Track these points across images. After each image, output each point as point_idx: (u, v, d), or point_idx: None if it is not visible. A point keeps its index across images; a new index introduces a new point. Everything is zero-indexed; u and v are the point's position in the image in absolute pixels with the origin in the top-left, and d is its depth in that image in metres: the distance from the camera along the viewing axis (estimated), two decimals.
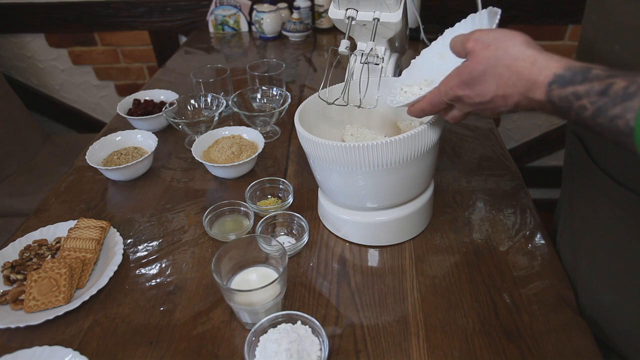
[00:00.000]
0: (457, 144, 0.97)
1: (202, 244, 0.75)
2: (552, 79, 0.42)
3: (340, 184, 0.67)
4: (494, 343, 0.58)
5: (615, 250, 0.59)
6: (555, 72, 0.42)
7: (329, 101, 0.72)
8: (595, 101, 0.39)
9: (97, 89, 1.97)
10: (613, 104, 0.38)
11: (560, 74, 0.42)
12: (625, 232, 0.57)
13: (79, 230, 0.73)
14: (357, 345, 0.58)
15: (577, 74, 0.41)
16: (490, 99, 0.48)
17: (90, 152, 0.92)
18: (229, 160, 0.88)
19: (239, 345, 0.59)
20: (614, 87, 0.38)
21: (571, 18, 1.62)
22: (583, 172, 0.64)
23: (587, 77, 0.40)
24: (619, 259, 0.59)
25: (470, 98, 0.50)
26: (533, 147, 1.93)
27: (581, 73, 0.41)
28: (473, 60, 0.48)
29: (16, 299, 0.65)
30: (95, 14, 1.74)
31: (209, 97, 1.04)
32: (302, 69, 1.37)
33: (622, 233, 0.57)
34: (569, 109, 0.42)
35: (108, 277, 0.67)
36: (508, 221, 0.76)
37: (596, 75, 0.40)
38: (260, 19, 1.55)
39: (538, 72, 0.43)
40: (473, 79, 0.48)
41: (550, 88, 0.42)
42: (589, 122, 0.41)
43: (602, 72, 0.40)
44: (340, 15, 0.71)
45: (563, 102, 0.42)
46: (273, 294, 0.58)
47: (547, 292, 0.64)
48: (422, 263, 0.70)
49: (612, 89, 0.38)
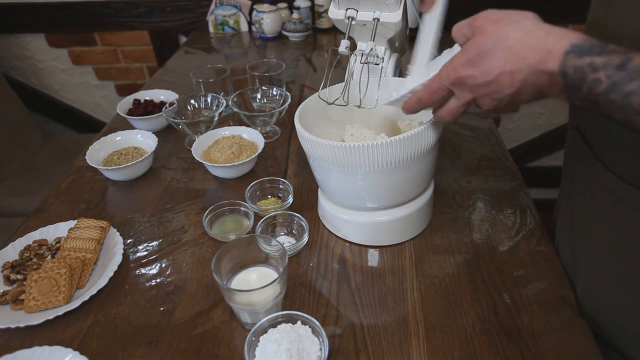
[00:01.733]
0: (457, 144, 0.97)
1: (202, 244, 0.75)
2: (570, 48, 0.41)
3: (340, 184, 0.67)
4: (494, 343, 0.58)
5: (615, 245, 0.59)
6: (573, 42, 0.41)
7: (329, 101, 0.72)
8: (611, 74, 0.38)
9: (97, 89, 1.97)
10: (630, 79, 0.37)
11: (578, 44, 0.41)
12: (627, 227, 0.57)
13: (79, 230, 0.73)
14: (357, 345, 0.58)
15: (595, 46, 0.40)
16: (496, 76, 0.45)
17: (90, 152, 0.92)
18: (229, 160, 0.88)
19: (239, 345, 0.59)
20: (633, 62, 0.38)
21: (571, 18, 1.62)
22: (584, 167, 0.63)
23: (606, 50, 0.39)
24: (619, 254, 0.59)
25: (473, 79, 0.47)
26: (533, 147, 1.93)
27: (599, 46, 0.40)
28: (482, 35, 0.46)
29: (16, 299, 0.65)
30: (95, 14, 1.74)
31: (209, 97, 1.04)
32: (302, 69, 1.37)
33: (624, 229, 0.57)
34: (582, 81, 0.40)
35: (108, 277, 0.67)
36: (508, 221, 0.76)
37: (614, 49, 0.39)
38: (260, 19, 1.55)
39: (554, 42, 0.42)
40: (480, 54, 0.46)
41: (567, 57, 0.41)
42: (601, 98, 0.39)
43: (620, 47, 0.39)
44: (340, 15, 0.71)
45: (577, 74, 0.40)
46: (273, 294, 0.58)
47: (547, 292, 0.64)
48: (422, 263, 0.70)
49: (631, 63, 0.38)
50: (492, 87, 0.46)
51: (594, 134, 0.61)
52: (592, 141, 0.62)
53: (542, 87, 0.44)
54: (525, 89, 0.45)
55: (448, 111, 0.53)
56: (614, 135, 0.57)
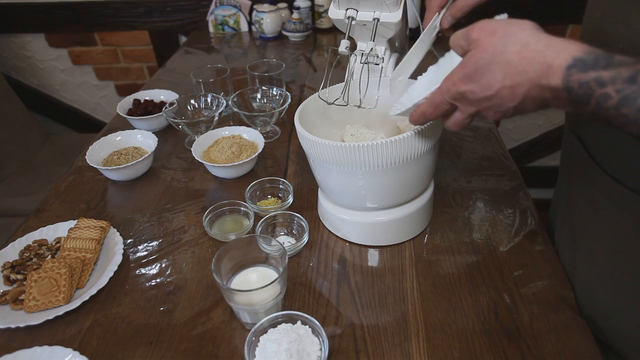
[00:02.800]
0: (457, 144, 0.97)
1: (202, 244, 0.75)
2: (571, 62, 0.38)
3: (340, 184, 0.67)
4: (494, 343, 0.58)
5: (615, 250, 0.59)
6: (575, 55, 0.38)
7: (329, 101, 0.72)
8: (621, 89, 0.36)
9: (97, 89, 1.97)
10: None
11: (581, 57, 0.38)
12: (626, 231, 0.57)
13: (79, 230, 0.73)
14: (357, 345, 0.58)
15: (600, 59, 0.37)
16: (497, 91, 0.43)
17: (90, 152, 0.92)
18: (229, 160, 0.88)
19: (239, 345, 0.59)
20: None
21: (571, 18, 1.62)
22: (582, 171, 0.63)
23: (612, 63, 0.37)
24: (619, 258, 0.59)
25: (474, 94, 0.45)
26: (533, 147, 1.93)
27: (604, 58, 0.37)
28: (478, 49, 0.44)
29: (16, 299, 0.65)
30: (95, 14, 1.74)
31: (209, 97, 1.04)
32: (302, 69, 1.37)
33: (623, 233, 0.57)
34: (589, 96, 0.38)
35: (108, 277, 0.67)
36: (508, 221, 0.76)
37: (621, 61, 0.36)
38: (260, 19, 1.55)
39: (554, 55, 0.39)
40: (478, 70, 0.44)
41: (569, 72, 0.38)
42: (611, 112, 0.37)
43: (626, 58, 0.37)
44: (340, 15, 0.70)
45: (583, 89, 0.38)
46: (273, 294, 0.58)
47: (547, 292, 0.64)
48: (422, 263, 0.70)
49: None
50: (494, 101, 0.45)
51: (593, 139, 0.61)
52: (590, 146, 0.61)
53: (546, 99, 0.42)
54: (528, 101, 0.43)
55: (454, 122, 0.51)
56: (613, 140, 0.57)
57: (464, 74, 0.45)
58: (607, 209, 0.59)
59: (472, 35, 0.45)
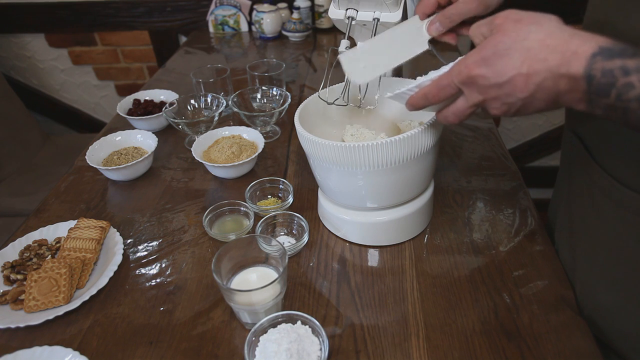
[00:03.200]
0: (457, 144, 0.97)
1: (202, 244, 0.75)
2: (597, 50, 0.38)
3: (340, 184, 0.67)
4: (494, 343, 0.58)
5: (615, 250, 0.59)
6: (601, 44, 0.38)
7: (329, 101, 0.72)
8: None
9: (97, 89, 1.97)
10: None
11: (607, 46, 0.38)
12: (627, 231, 0.57)
13: (79, 230, 0.73)
14: (357, 345, 0.58)
15: (627, 49, 0.37)
16: (510, 78, 0.42)
17: (90, 152, 0.92)
18: (229, 160, 0.88)
19: (239, 345, 0.59)
20: None
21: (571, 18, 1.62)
22: (583, 171, 0.63)
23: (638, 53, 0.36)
24: (619, 258, 0.59)
25: (485, 79, 0.44)
26: (533, 147, 1.93)
27: (631, 48, 0.37)
28: (500, 33, 0.43)
29: (16, 299, 0.65)
30: (95, 14, 1.74)
31: (209, 97, 1.04)
32: (302, 69, 1.37)
33: (623, 233, 0.57)
34: (611, 86, 0.37)
35: (108, 277, 0.67)
36: (508, 221, 0.76)
37: None
38: (260, 19, 1.55)
39: (580, 43, 0.39)
40: (496, 53, 0.43)
41: (594, 60, 0.38)
42: (633, 105, 0.36)
43: None
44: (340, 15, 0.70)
45: (605, 78, 0.37)
46: (273, 294, 0.58)
47: (547, 292, 0.64)
48: (422, 263, 0.70)
49: None
50: (504, 90, 0.43)
51: (593, 138, 0.61)
52: (590, 145, 0.61)
53: (560, 93, 0.41)
54: (539, 94, 0.42)
55: (454, 111, 0.50)
56: (613, 139, 0.57)
57: (480, 57, 0.44)
58: (607, 208, 0.59)
59: (496, 21, 0.45)
